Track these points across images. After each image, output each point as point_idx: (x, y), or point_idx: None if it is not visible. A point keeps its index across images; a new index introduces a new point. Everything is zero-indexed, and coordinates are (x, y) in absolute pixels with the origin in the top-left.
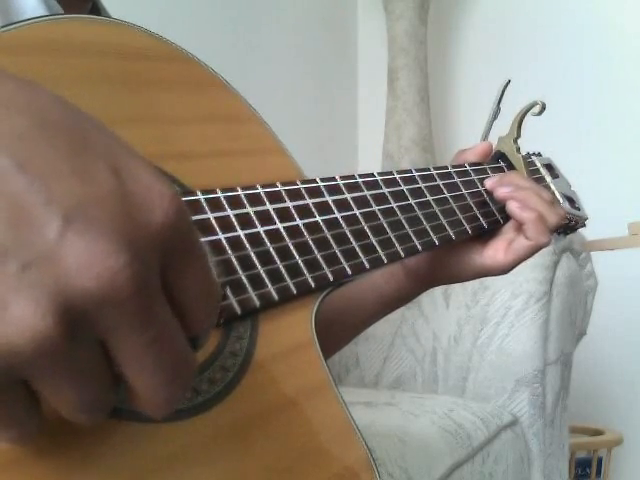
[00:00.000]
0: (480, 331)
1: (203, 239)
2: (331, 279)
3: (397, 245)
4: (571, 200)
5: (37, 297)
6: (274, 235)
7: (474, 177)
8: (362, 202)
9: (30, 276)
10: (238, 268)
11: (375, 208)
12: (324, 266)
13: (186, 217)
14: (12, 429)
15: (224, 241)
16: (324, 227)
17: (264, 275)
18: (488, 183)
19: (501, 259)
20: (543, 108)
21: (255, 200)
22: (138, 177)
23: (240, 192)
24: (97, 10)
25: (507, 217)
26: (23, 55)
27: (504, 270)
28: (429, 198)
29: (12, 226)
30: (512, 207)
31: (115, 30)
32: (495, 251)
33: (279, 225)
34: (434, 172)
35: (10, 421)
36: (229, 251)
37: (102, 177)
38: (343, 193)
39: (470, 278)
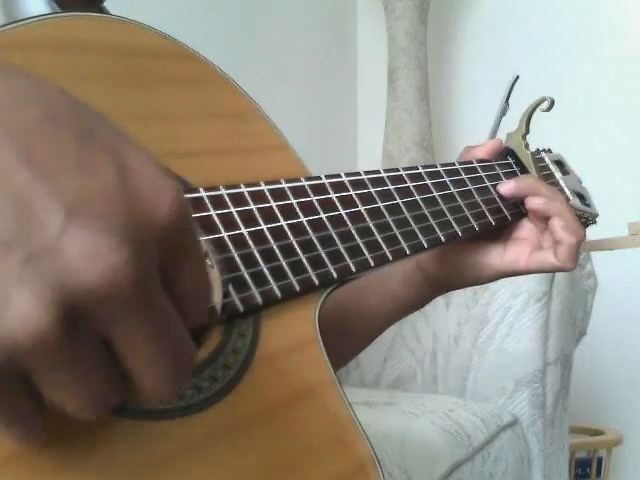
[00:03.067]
0: (480, 331)
1: (206, 237)
2: (335, 277)
3: (402, 242)
4: (581, 197)
5: (39, 290)
6: (277, 232)
7: (482, 174)
8: (367, 199)
9: (32, 269)
10: (241, 265)
11: (380, 205)
12: (328, 264)
13: (188, 213)
14: (16, 425)
15: (227, 238)
16: (328, 224)
17: (267, 272)
18: (503, 189)
19: (522, 266)
20: (552, 104)
21: (258, 197)
22: (143, 172)
23: (243, 189)
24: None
25: (515, 214)
26: (28, 52)
27: (520, 274)
28: (435, 194)
29: (16, 219)
30: (555, 225)
31: (120, 28)
32: (517, 256)
33: (282, 222)
34: (441, 169)
35: (13, 417)
36: (232, 249)
37: (107, 171)
38: (348, 190)
39: (488, 281)
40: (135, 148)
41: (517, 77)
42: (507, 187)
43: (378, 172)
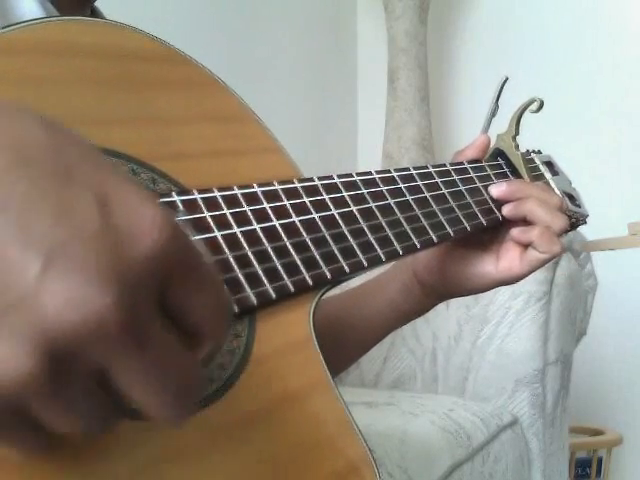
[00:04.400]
0: (480, 331)
1: (199, 237)
2: (329, 277)
3: (395, 243)
4: (571, 197)
5: (19, 340)
6: (271, 233)
7: (472, 174)
8: (359, 200)
9: (11, 320)
10: (235, 266)
11: (372, 205)
12: (322, 264)
13: (181, 240)
14: (23, 444)
15: (221, 239)
16: (321, 225)
17: (261, 273)
18: (495, 192)
19: (517, 271)
20: (541, 105)
21: (252, 199)
22: (126, 205)
23: (237, 191)
24: (96, 17)
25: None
26: (21, 56)
27: (518, 280)
28: (426, 194)
29: None
30: (515, 234)
31: (112, 31)
32: (510, 263)
33: (276, 223)
34: (432, 170)
35: (19, 439)
36: (226, 249)
37: (87, 211)
38: (340, 191)
39: (486, 289)
40: (118, 178)
41: (506, 78)
42: (499, 190)
43: (370, 174)
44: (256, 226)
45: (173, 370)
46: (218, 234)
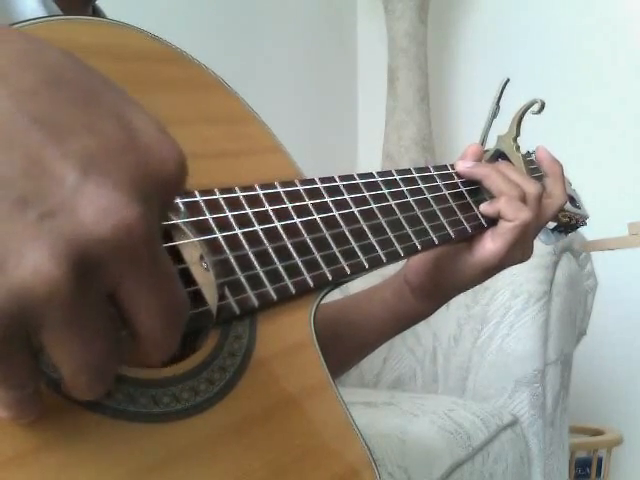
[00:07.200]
0: (480, 331)
1: (201, 238)
2: (330, 279)
3: (396, 244)
4: (572, 199)
5: (54, 245)
6: (272, 234)
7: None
8: (360, 201)
9: (48, 225)
10: (236, 268)
11: (374, 206)
12: (323, 266)
13: (187, 171)
14: (12, 390)
15: (222, 240)
16: (322, 226)
17: (262, 275)
18: (459, 167)
19: (490, 247)
20: (542, 106)
21: (253, 200)
22: (148, 131)
23: (238, 193)
24: (97, 16)
25: (490, 220)
26: None
27: (498, 257)
28: (427, 196)
29: (31, 177)
30: (483, 208)
31: (114, 31)
32: (482, 243)
33: (277, 224)
34: (434, 173)
35: (10, 380)
36: (227, 251)
37: (114, 131)
38: (342, 192)
39: (472, 278)
40: (138, 109)
41: (507, 80)
42: (464, 165)
43: (372, 175)
44: (257, 226)
45: (171, 294)
46: (219, 234)
